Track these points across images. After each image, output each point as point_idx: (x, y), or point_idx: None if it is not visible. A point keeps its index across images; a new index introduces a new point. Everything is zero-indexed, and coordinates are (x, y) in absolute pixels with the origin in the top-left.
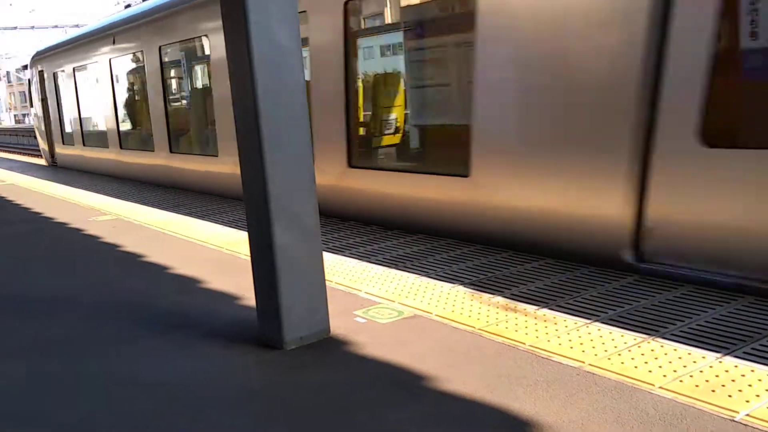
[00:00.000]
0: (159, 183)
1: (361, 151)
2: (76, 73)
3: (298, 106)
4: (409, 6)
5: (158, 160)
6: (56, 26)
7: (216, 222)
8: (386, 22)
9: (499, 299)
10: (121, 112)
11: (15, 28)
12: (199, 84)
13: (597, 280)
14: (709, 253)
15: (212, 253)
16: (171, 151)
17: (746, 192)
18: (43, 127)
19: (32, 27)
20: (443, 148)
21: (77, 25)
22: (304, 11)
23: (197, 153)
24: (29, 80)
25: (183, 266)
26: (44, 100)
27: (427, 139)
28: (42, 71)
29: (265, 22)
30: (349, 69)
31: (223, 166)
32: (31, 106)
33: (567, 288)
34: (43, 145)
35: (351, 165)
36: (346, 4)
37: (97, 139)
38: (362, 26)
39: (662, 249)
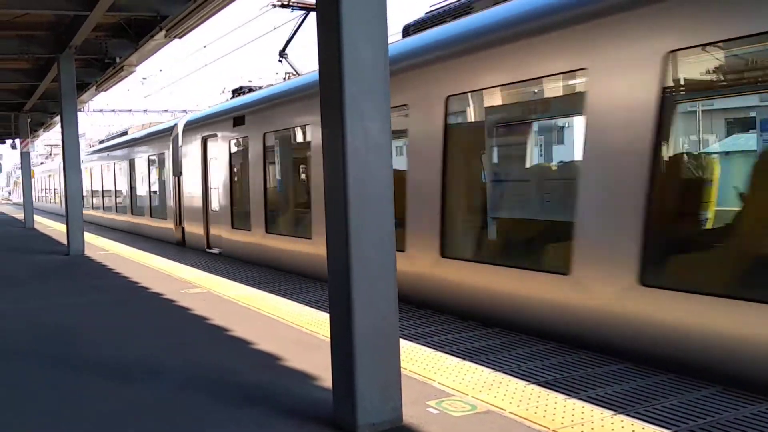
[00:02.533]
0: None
1: None
2: (266, 140)
3: (385, 197)
4: None
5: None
6: (166, 110)
7: (298, 301)
8: None
9: (575, 401)
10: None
11: (130, 110)
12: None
13: (677, 388)
14: None
15: (293, 331)
16: (443, 254)
17: None
18: (193, 204)
19: (145, 110)
20: None
21: (185, 111)
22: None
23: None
24: (173, 148)
25: (265, 342)
26: (204, 173)
27: None
28: (206, 138)
29: (359, 118)
30: None
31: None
32: (177, 174)
33: (646, 394)
34: (194, 228)
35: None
36: None
37: (294, 225)
38: None
39: None
